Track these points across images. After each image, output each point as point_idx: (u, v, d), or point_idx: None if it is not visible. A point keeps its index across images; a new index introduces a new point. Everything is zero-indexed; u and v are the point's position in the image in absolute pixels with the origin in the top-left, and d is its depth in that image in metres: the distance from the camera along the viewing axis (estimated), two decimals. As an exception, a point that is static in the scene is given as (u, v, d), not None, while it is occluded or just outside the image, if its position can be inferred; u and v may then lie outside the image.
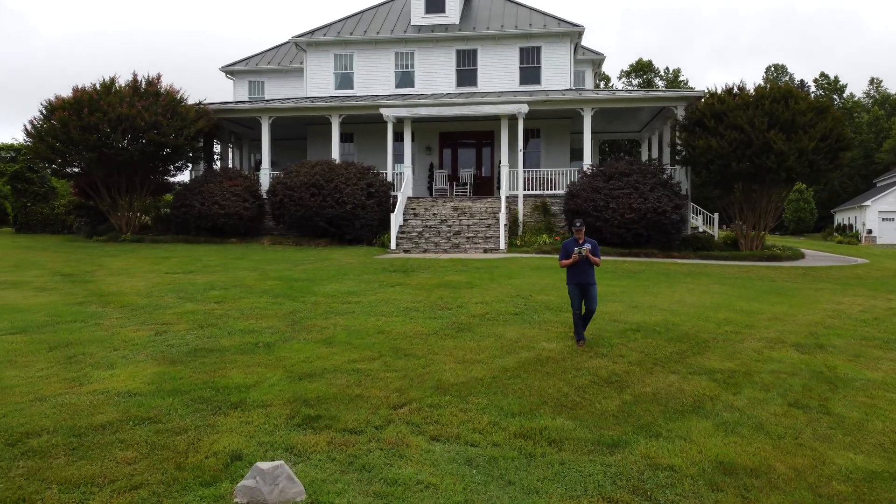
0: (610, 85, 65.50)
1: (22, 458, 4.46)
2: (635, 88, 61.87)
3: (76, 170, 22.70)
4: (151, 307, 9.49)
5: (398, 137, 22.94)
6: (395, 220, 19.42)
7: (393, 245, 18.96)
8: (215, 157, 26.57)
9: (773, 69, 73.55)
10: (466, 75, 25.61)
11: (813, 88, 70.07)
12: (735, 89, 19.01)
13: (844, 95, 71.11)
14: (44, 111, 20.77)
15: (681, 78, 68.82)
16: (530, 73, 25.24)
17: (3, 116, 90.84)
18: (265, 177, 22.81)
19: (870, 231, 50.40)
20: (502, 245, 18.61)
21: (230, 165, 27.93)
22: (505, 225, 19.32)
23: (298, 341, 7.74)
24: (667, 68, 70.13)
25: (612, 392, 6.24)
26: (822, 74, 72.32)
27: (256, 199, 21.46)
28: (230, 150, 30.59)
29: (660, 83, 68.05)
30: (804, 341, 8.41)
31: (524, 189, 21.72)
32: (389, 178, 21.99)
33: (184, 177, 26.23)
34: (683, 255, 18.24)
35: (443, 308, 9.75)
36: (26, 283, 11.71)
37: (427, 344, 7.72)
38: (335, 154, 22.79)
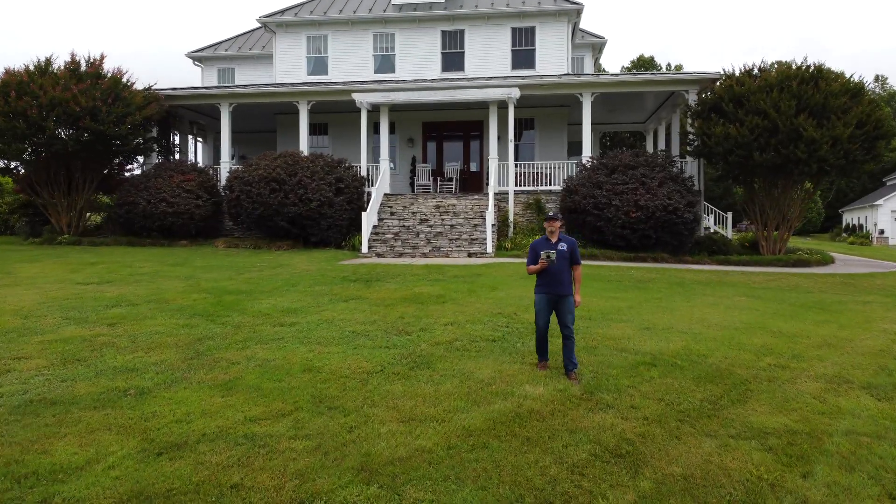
0: (610, 78, 63.50)
1: None
2: (640, 72, 59.88)
3: (13, 163, 20.73)
4: (19, 332, 7.50)
5: (377, 129, 20.99)
6: (368, 219, 17.45)
7: (364, 248, 16.99)
8: (174, 149, 24.54)
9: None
10: (452, 59, 23.66)
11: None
12: (755, 70, 17.10)
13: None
14: (-31, 96, 18.75)
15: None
16: (523, 56, 23.31)
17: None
18: (224, 171, 20.82)
19: (882, 231, 48.68)
20: (489, 248, 16.67)
21: (191, 159, 25.95)
22: (493, 225, 17.39)
23: (188, 386, 5.78)
24: (668, 64, 68.28)
25: (624, 474, 4.29)
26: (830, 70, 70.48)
27: (212, 196, 19.46)
28: (196, 143, 28.64)
29: (663, 78, 66.11)
30: (875, 380, 6.47)
31: (515, 185, 19.81)
32: (364, 173, 20.06)
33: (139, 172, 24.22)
34: (697, 259, 16.32)
35: (401, 332, 7.80)
36: None
37: (365, 389, 5.76)
38: (303, 146, 20.83)
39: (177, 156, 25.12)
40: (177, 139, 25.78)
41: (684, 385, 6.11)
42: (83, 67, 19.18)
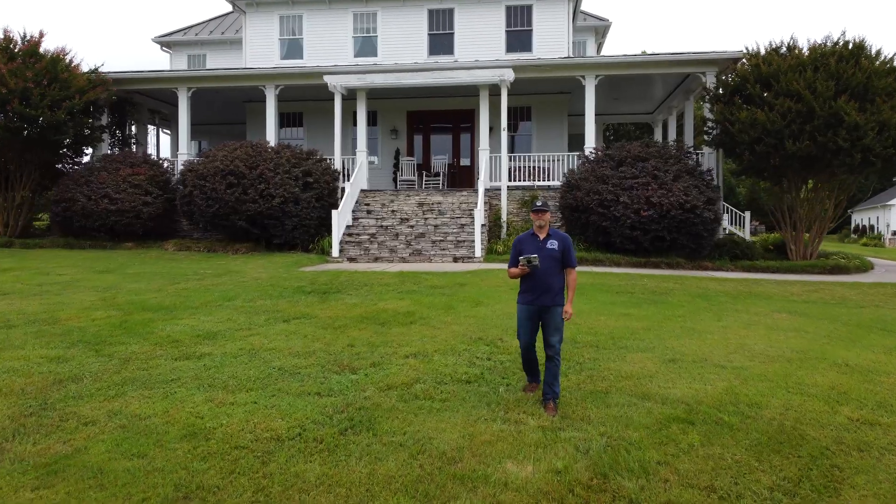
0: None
1: None
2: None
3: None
4: None
5: (358, 120, 19.12)
6: (340, 218, 15.61)
7: (335, 251, 15.14)
8: (131, 140, 22.61)
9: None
10: (441, 41, 21.81)
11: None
12: (783, 48, 15.29)
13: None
14: None
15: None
16: (519, 38, 21.47)
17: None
18: (181, 164, 18.93)
19: (895, 233, 47.01)
20: (478, 252, 14.83)
21: (152, 152, 24.08)
22: (483, 225, 15.57)
23: (-6, 467, 3.91)
24: (676, 56, 66.51)
25: None
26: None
27: (164, 192, 17.59)
28: (158, 134, 26.77)
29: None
30: None
31: (509, 179, 17.98)
32: (338, 166, 18.21)
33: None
34: (719, 265, 14.50)
35: (344, 368, 5.94)
36: None
37: (264, 471, 3.90)
38: (270, 135, 18.99)
39: (135, 147, 23.22)
40: (136, 129, 23.86)
41: (739, 459, 4.27)
42: (18, 46, 17.31)
